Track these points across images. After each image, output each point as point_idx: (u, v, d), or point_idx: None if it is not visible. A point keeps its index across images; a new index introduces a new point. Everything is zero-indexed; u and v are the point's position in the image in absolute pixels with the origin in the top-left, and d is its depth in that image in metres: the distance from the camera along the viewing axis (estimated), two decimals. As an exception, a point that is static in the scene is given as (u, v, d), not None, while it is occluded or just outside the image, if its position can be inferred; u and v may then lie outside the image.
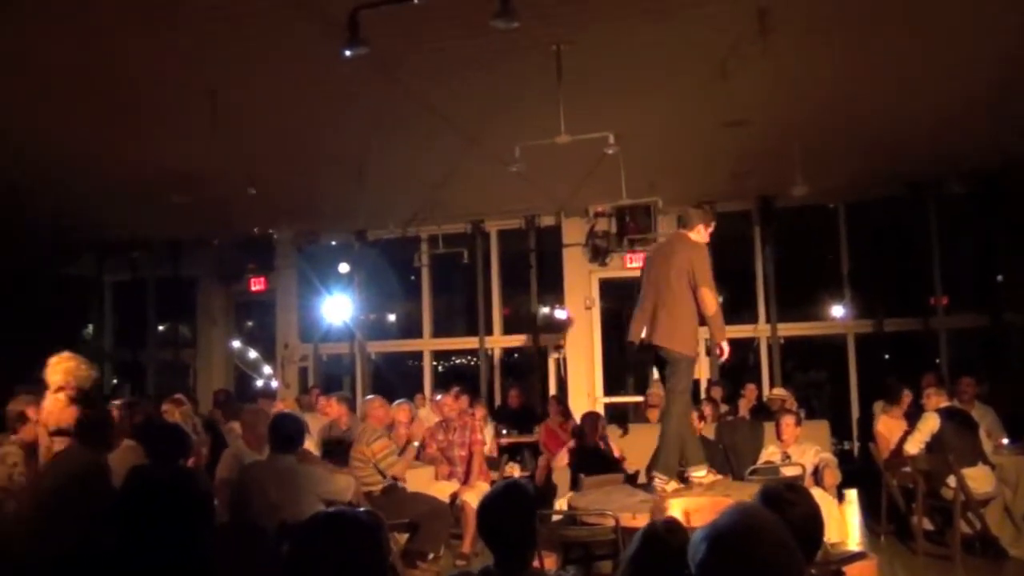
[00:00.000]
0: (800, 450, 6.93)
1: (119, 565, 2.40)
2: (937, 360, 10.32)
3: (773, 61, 6.20)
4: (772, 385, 10.30)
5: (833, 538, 5.66)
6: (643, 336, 5.58)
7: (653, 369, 10.85)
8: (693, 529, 1.93)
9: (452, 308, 13.19)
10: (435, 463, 7.55)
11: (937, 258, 10.32)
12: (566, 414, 8.80)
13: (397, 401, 7.75)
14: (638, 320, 5.61)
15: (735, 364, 10.58)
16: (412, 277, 12.13)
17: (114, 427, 5.24)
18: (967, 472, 6.65)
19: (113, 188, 9.06)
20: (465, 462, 7.51)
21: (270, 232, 11.03)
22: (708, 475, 5.54)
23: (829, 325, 11.44)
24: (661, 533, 2.51)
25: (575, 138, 6.50)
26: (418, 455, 7.66)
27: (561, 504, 6.26)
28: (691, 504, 4.74)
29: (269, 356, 12.98)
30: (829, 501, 6.29)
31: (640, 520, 4.43)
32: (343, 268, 11.61)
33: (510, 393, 10.64)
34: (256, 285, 12.00)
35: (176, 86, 6.41)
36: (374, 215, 10.82)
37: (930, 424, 6.94)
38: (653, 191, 9.59)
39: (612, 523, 4.80)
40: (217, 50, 5.87)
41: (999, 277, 10.44)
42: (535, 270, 11.52)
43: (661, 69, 6.47)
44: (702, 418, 7.36)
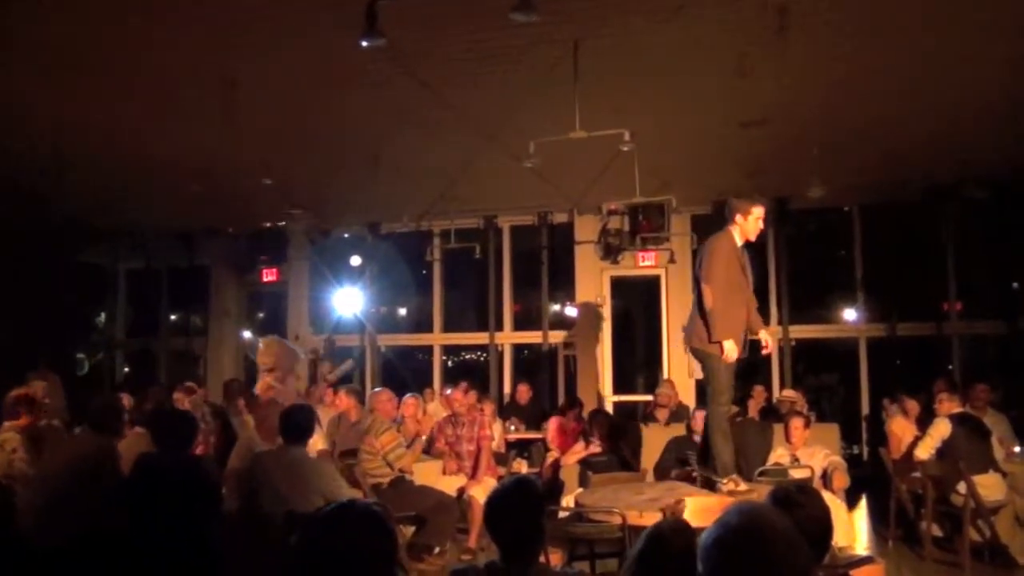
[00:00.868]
0: (809, 453, 6.89)
1: (126, 550, 2.41)
2: (950, 366, 10.26)
3: (791, 61, 6.17)
4: (782, 387, 10.25)
5: (841, 541, 5.60)
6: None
7: (662, 368, 10.90)
8: (701, 529, 1.92)
9: (463, 303, 13.18)
10: (443, 457, 7.56)
11: (952, 263, 10.25)
12: (579, 418, 8.74)
13: (407, 395, 7.76)
14: None
15: (744, 366, 10.52)
16: (424, 271, 12.13)
17: (124, 414, 5.27)
18: (978, 479, 6.60)
19: (129, 176, 9.10)
20: (473, 457, 7.51)
21: (283, 223, 11.05)
22: (729, 483, 5.39)
23: (841, 328, 11.37)
24: (667, 533, 2.50)
25: (590, 135, 6.49)
26: (427, 449, 7.68)
27: (568, 501, 6.26)
28: (699, 504, 4.72)
29: (280, 348, 12.99)
30: (837, 504, 6.24)
31: (647, 519, 4.42)
32: (355, 261, 11.61)
33: (519, 389, 10.63)
34: (268, 276, 12.03)
35: (194, 74, 6.42)
36: (388, 208, 10.84)
37: (941, 429, 6.90)
38: (667, 190, 9.56)
39: (619, 521, 4.79)
40: (235, 38, 5.88)
41: (1015, 284, 10.36)
42: (547, 267, 11.51)
43: (678, 67, 6.44)
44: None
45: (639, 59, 6.24)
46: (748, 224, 5.43)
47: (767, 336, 5.67)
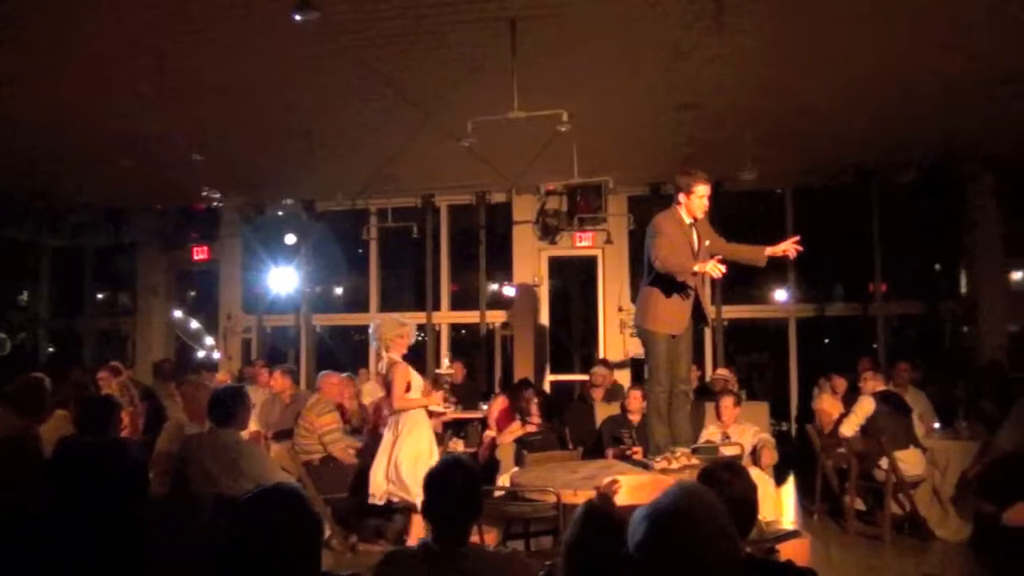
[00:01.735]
0: (739, 430, 7.05)
1: (49, 534, 2.35)
2: (875, 345, 10.58)
3: (727, 46, 6.24)
4: (715, 366, 10.44)
5: (768, 516, 5.76)
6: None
7: (599, 348, 11.00)
8: (635, 507, 1.95)
9: (400, 283, 13.08)
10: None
11: (878, 246, 10.54)
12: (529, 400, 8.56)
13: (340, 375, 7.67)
14: None
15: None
16: (360, 250, 11.99)
17: (47, 395, 5.11)
18: (899, 455, 6.84)
19: (54, 149, 8.75)
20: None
21: (215, 200, 10.79)
22: (662, 461, 5.43)
23: (772, 309, 11.64)
24: (600, 509, 2.53)
25: (528, 115, 6.46)
26: (362, 429, 7.63)
27: (504, 480, 6.29)
28: (632, 482, 4.78)
29: (211, 327, 12.75)
30: (765, 480, 6.41)
31: (581, 496, 4.46)
32: (290, 239, 11.41)
33: (453, 367, 10.59)
34: (199, 254, 11.75)
35: (123, 43, 6.16)
36: (323, 186, 10.64)
37: (865, 407, 7.11)
38: (604, 171, 9.61)
39: (553, 499, 4.84)
40: (167, 11, 5.67)
41: (937, 266, 10.72)
42: (484, 246, 11.48)
43: (617, 48, 6.44)
44: (645, 398, 7.41)
45: (577, 40, 6.23)
46: (692, 202, 5.37)
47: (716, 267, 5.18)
